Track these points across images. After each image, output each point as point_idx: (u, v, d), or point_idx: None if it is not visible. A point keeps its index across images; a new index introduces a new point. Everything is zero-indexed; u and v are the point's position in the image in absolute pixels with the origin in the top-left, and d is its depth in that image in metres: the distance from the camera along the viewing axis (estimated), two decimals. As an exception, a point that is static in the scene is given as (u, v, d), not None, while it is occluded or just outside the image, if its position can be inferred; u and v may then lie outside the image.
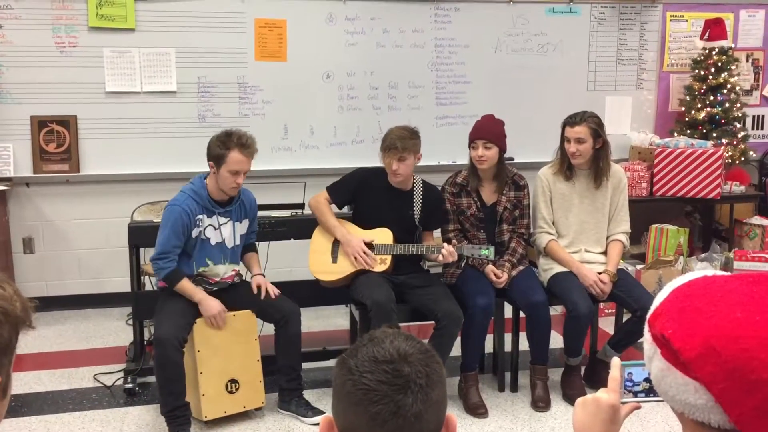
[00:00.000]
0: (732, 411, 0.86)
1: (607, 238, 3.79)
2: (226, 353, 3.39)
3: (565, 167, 3.74)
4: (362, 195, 3.68)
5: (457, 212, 3.75)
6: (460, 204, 3.74)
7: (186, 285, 3.33)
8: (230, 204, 3.45)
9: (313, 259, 3.72)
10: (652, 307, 0.99)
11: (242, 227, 3.53)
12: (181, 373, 3.22)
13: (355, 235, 3.63)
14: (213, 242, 3.41)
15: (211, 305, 3.34)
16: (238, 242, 3.51)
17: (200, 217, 3.35)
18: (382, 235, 3.63)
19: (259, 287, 3.51)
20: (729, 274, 0.99)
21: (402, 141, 3.49)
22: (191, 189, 3.37)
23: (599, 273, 3.63)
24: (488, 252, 3.51)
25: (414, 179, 3.72)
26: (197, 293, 3.34)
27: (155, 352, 3.23)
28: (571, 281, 3.63)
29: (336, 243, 3.68)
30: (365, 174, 3.72)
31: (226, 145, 3.26)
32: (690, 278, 0.99)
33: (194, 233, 3.35)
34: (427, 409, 1.02)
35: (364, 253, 3.56)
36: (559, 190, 3.78)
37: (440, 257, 3.52)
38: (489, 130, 3.64)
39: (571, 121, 3.67)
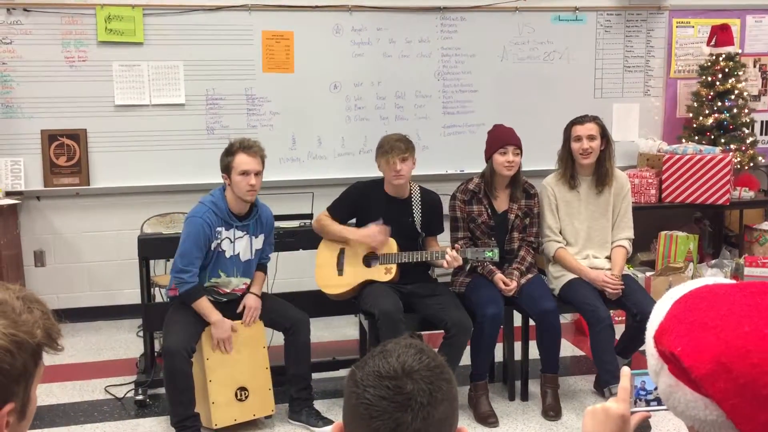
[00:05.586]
0: (744, 426, 0.85)
1: (611, 243, 3.81)
2: (234, 361, 3.40)
3: (569, 175, 3.76)
4: (362, 207, 3.69)
5: (468, 220, 3.74)
6: (471, 211, 3.73)
7: (203, 303, 3.33)
8: (248, 218, 3.44)
9: (319, 274, 3.72)
10: (656, 321, 0.97)
11: (258, 242, 3.51)
12: (190, 383, 3.23)
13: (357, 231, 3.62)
14: (227, 255, 3.40)
15: (225, 327, 3.34)
16: (252, 256, 3.50)
17: (219, 229, 3.36)
18: (386, 245, 3.63)
19: (245, 306, 3.46)
20: (729, 282, 0.98)
21: (404, 142, 3.57)
22: (211, 201, 3.37)
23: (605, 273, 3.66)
24: (492, 254, 3.49)
25: (411, 186, 3.73)
26: (213, 314, 3.33)
27: (164, 362, 3.24)
28: (586, 288, 3.64)
29: (341, 255, 3.68)
30: (362, 187, 3.74)
31: (230, 151, 3.33)
32: (690, 288, 0.98)
33: (212, 245, 3.36)
34: (428, 427, 1.01)
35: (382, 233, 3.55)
36: (564, 198, 3.79)
37: (445, 263, 3.52)
38: (517, 138, 3.67)
39: (580, 119, 3.74)
